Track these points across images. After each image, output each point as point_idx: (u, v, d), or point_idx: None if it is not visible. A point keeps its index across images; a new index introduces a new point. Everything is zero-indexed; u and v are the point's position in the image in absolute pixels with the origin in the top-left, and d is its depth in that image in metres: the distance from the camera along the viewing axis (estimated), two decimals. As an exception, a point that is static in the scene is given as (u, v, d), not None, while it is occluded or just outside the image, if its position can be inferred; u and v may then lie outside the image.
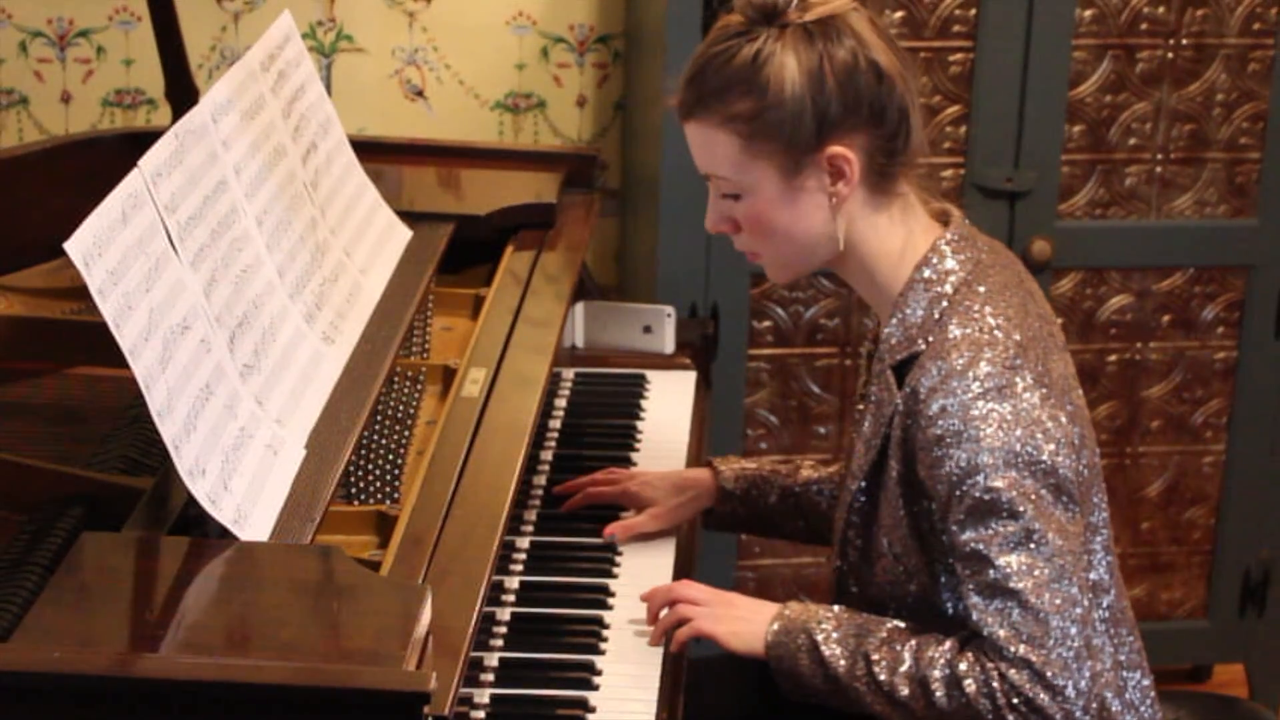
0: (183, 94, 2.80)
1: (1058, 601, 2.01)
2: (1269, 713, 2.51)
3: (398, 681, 1.66)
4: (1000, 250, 2.21)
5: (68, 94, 3.47)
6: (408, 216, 2.73)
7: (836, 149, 2.09)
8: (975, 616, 2.03)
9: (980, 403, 2.03)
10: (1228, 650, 3.67)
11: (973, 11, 3.22)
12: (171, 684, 1.65)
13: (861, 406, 2.25)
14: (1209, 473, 3.54)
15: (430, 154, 3.09)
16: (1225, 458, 3.53)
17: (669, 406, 2.82)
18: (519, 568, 2.37)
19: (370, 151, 2.78)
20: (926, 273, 2.13)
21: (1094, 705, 2.10)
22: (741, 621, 2.20)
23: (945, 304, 2.11)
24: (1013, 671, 2.00)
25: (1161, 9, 3.27)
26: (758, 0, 2.10)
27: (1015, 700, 2.00)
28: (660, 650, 2.22)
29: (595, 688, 2.14)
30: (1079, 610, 2.02)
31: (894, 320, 2.14)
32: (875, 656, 2.09)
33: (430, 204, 2.86)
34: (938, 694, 2.04)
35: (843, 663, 2.11)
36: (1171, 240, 3.40)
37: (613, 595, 2.32)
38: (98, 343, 1.98)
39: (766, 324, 3.35)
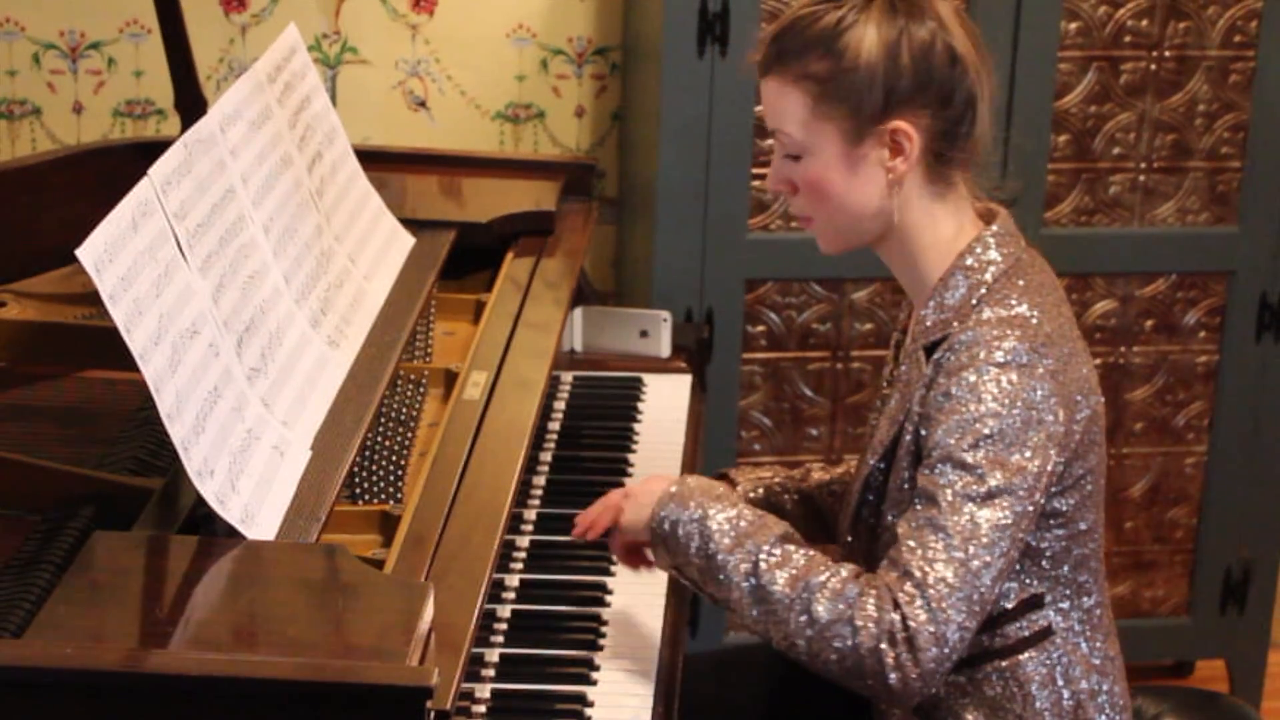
0: (191, 104, 2.80)
1: (976, 565, 1.99)
2: (1249, 707, 2.51)
3: (401, 677, 1.66)
4: (1040, 258, 2.21)
5: (79, 104, 3.47)
6: (411, 224, 2.73)
7: (900, 124, 2.09)
8: (903, 542, 2.01)
9: (994, 370, 2.03)
10: (1209, 646, 3.67)
11: (961, 24, 3.22)
12: (180, 679, 1.65)
13: (887, 390, 2.25)
14: (1191, 473, 3.54)
15: (432, 163, 3.09)
16: (1207, 459, 3.53)
17: (665, 409, 2.82)
18: (519, 566, 2.37)
19: (374, 160, 2.78)
20: (969, 260, 2.13)
21: (1066, 693, 2.13)
22: (643, 493, 2.17)
23: (984, 291, 2.11)
24: (911, 606, 1.97)
25: (1145, 22, 3.27)
26: None
27: (900, 634, 1.97)
28: (657, 646, 2.22)
29: (593, 683, 2.14)
30: (993, 587, 2.01)
31: (931, 303, 2.14)
32: (765, 548, 2.05)
33: (432, 212, 2.86)
34: (819, 603, 1.99)
35: (726, 541, 2.06)
36: (1154, 247, 3.40)
37: (610, 593, 2.32)
38: (109, 347, 1.98)
39: (760, 329, 3.35)
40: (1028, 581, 2.14)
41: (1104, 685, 2.20)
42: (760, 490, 2.49)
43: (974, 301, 2.11)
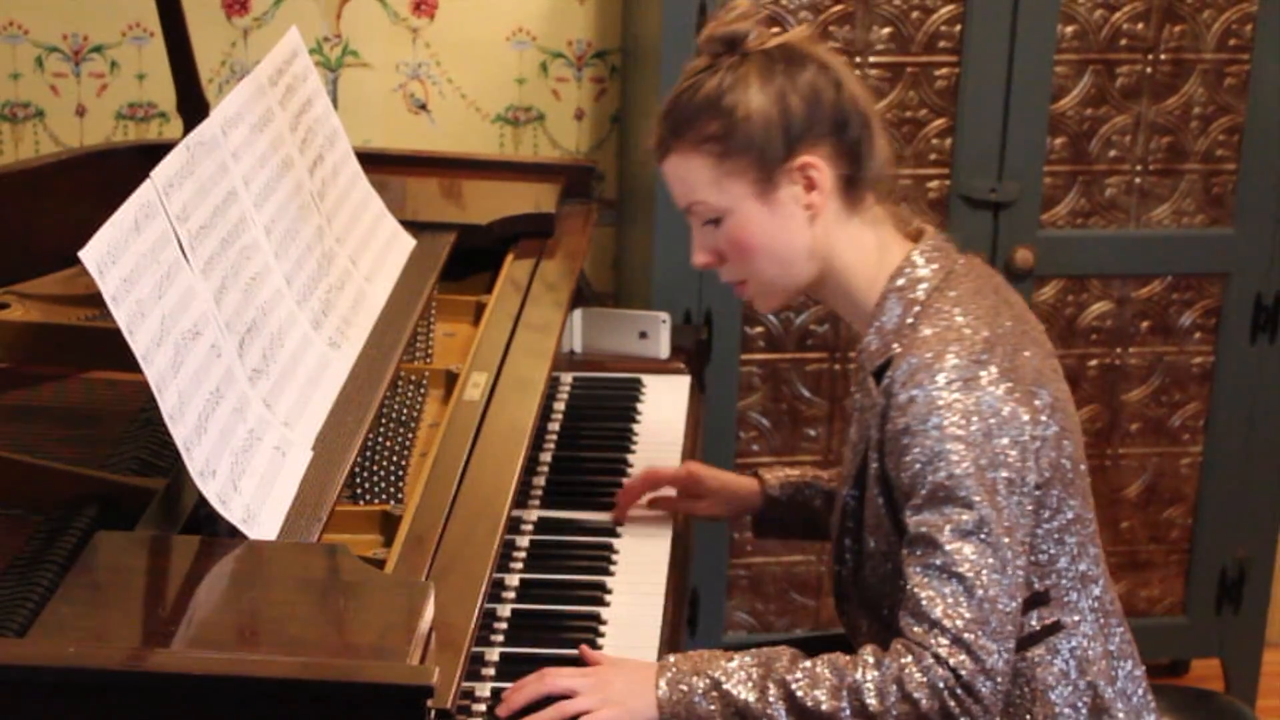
0: (194, 107, 2.80)
1: (996, 592, 2.01)
2: (1244, 706, 2.51)
3: (402, 676, 1.66)
4: (978, 263, 2.23)
5: (82, 107, 3.47)
6: (411, 226, 2.73)
7: (806, 158, 2.13)
8: (919, 596, 2.01)
9: (945, 393, 2.05)
10: (1205, 645, 3.67)
11: (958, 28, 3.22)
12: (182, 678, 1.66)
13: (851, 418, 2.27)
14: (1186, 474, 3.54)
15: (433, 165, 3.09)
16: (1202, 459, 3.53)
17: (664, 410, 2.82)
18: (519, 565, 2.37)
19: (375, 163, 2.78)
20: (900, 281, 2.16)
21: (1083, 684, 2.14)
22: (628, 696, 2.03)
23: (918, 309, 2.14)
24: (954, 655, 1.98)
25: (1141, 25, 3.27)
26: (719, 33, 2.17)
27: (955, 686, 1.98)
28: (656, 644, 2.22)
29: (593, 682, 2.14)
30: (1015, 603, 2.03)
31: (872, 329, 2.16)
32: (789, 678, 2.01)
33: (433, 214, 2.86)
34: (868, 698, 1.99)
35: (753, 695, 2.01)
36: (1150, 249, 3.40)
37: (609, 592, 2.32)
38: (112, 348, 1.98)
39: (758, 330, 3.35)
40: (1030, 580, 2.15)
41: (1120, 669, 2.22)
42: (788, 489, 2.52)
43: (910, 320, 2.13)
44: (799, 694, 2.00)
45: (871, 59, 3.22)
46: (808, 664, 2.03)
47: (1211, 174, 3.38)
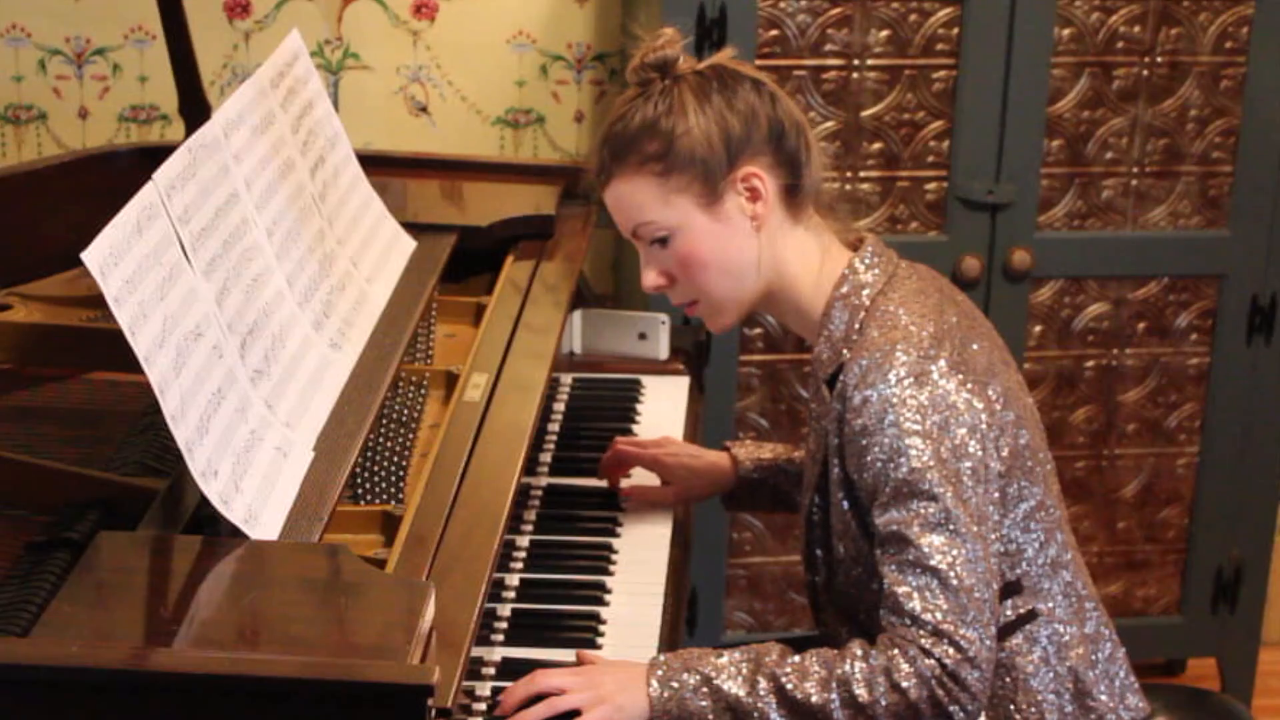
0: (195, 110, 2.80)
1: (971, 581, 2.02)
2: (1240, 705, 2.51)
3: (402, 675, 1.66)
4: (921, 268, 2.28)
5: (85, 110, 3.48)
6: (412, 227, 2.73)
7: (748, 168, 2.16)
8: (897, 593, 2.02)
9: (898, 390, 2.07)
10: (1201, 645, 3.67)
11: (955, 31, 3.22)
12: (184, 678, 1.65)
13: (806, 428, 2.28)
14: (1183, 474, 3.54)
15: (434, 167, 3.09)
16: (1198, 460, 3.53)
17: (663, 410, 2.82)
18: (519, 565, 2.37)
19: (376, 165, 2.78)
20: (844, 289, 2.19)
21: (1063, 670, 2.16)
22: (619, 693, 2.03)
23: (863, 314, 2.16)
24: (937, 647, 1.99)
25: (1137, 28, 3.27)
26: (649, 60, 2.20)
27: (943, 675, 1.99)
28: (655, 643, 2.22)
29: (592, 681, 2.14)
30: (992, 590, 2.04)
31: (821, 338, 2.19)
32: (779, 671, 2.02)
33: (433, 215, 2.86)
34: (858, 689, 2.00)
35: (743, 689, 2.02)
36: (1146, 250, 3.40)
37: (609, 592, 2.32)
38: (114, 349, 1.98)
39: (757, 331, 3.35)
40: (1001, 570, 2.15)
41: (1100, 653, 2.23)
42: (759, 470, 2.54)
43: (857, 325, 2.16)
44: (789, 687, 2.01)
45: (870, 61, 3.22)
46: (797, 658, 2.04)
47: (1208, 176, 3.38)
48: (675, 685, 2.03)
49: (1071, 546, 2.25)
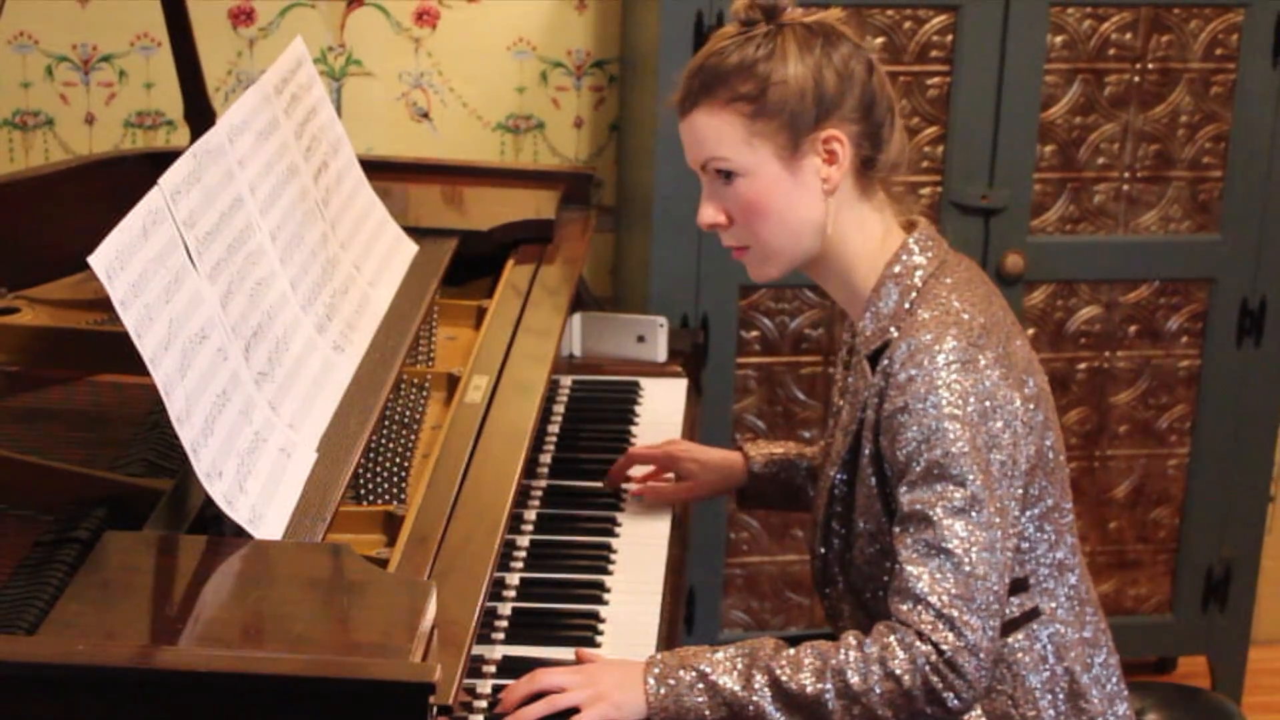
0: (200, 116, 2.80)
1: (984, 569, 2.01)
2: (1230, 702, 2.51)
3: (404, 673, 1.66)
4: (965, 258, 2.24)
5: (91, 115, 3.48)
6: (414, 232, 2.73)
7: (833, 131, 2.12)
8: (907, 572, 2.02)
9: (944, 373, 2.06)
10: (1191, 643, 3.67)
11: (950, 38, 3.22)
12: (189, 675, 1.65)
13: (839, 401, 2.27)
14: (1173, 475, 3.54)
15: (435, 172, 3.09)
16: (1189, 460, 3.54)
17: (661, 412, 2.82)
18: (519, 565, 2.37)
19: (378, 170, 2.78)
20: (897, 269, 2.16)
21: (1060, 669, 2.15)
22: (616, 690, 2.03)
23: (915, 294, 2.15)
24: (937, 631, 1.99)
25: (1129, 35, 3.27)
26: (760, 1, 2.15)
27: (939, 662, 1.98)
28: (653, 642, 2.22)
29: (592, 679, 2.14)
30: (1003, 583, 2.04)
31: (868, 314, 2.17)
32: (773, 664, 2.02)
33: (435, 220, 2.86)
34: (851, 677, 1.99)
35: (739, 684, 2.02)
36: (1138, 254, 3.40)
37: (608, 591, 2.32)
38: (120, 352, 1.98)
39: (754, 334, 3.35)
40: (1012, 564, 2.15)
41: (1096, 657, 2.22)
42: (772, 466, 2.53)
43: (907, 305, 2.14)
44: (784, 679, 2.01)
45: (865, 68, 3.22)
46: (791, 651, 2.04)
47: (1198, 181, 3.38)
48: (672, 682, 2.03)
49: (1078, 551, 2.25)
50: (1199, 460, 3.53)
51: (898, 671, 1.99)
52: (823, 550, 2.26)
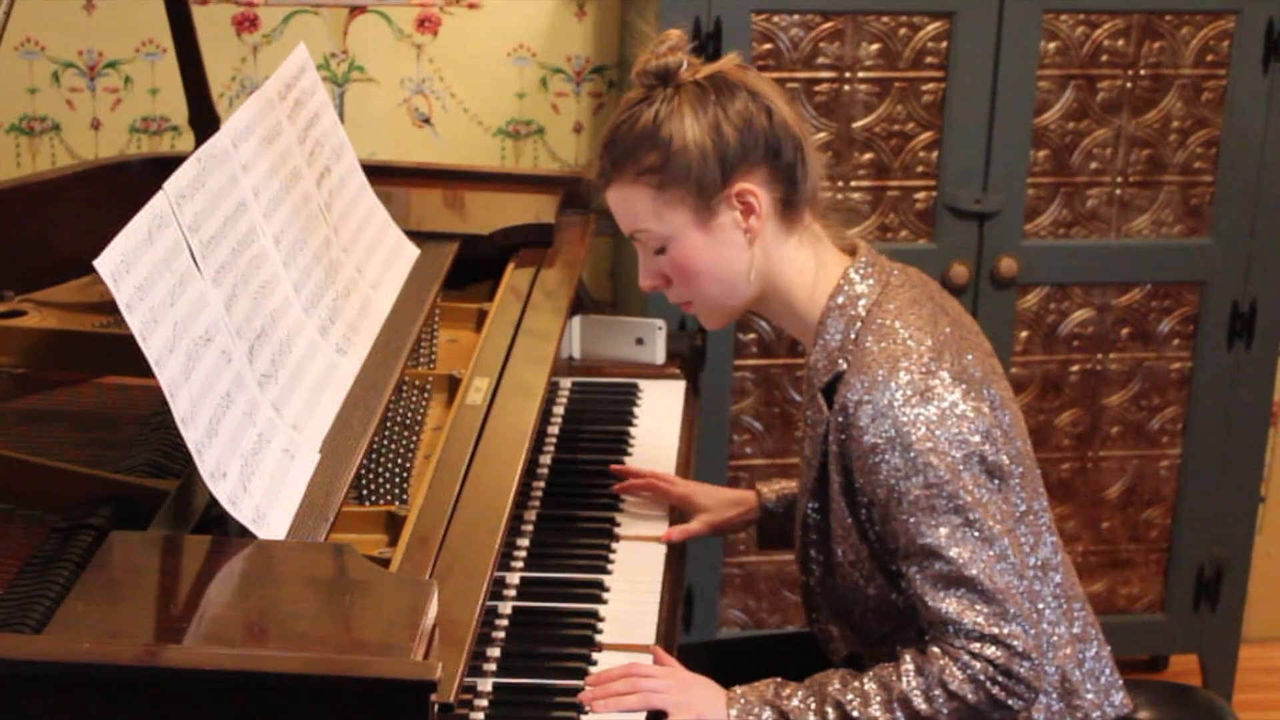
0: (205, 121, 2.80)
1: (1006, 579, 2.03)
2: (1221, 700, 2.51)
3: (406, 671, 1.66)
4: (913, 272, 2.25)
5: (97, 121, 3.48)
6: (415, 236, 2.73)
7: (742, 185, 2.13)
8: (935, 607, 2.04)
9: (906, 409, 2.06)
10: (1183, 642, 3.67)
11: (944, 44, 3.22)
12: (194, 674, 1.65)
13: (800, 432, 2.28)
14: (1165, 475, 3.54)
15: (436, 177, 3.09)
16: (1180, 461, 3.54)
17: (660, 414, 2.82)
18: (520, 564, 2.37)
19: (380, 175, 2.78)
20: (840, 299, 2.17)
21: (1051, 669, 2.16)
22: (706, 709, 2.09)
23: (860, 324, 2.15)
24: (985, 649, 2.02)
25: (1121, 41, 3.28)
26: (651, 68, 2.18)
27: (995, 674, 2.01)
28: (652, 640, 2.22)
29: (591, 677, 2.14)
30: (1024, 583, 2.05)
31: (817, 346, 2.17)
32: (843, 699, 2.05)
33: (436, 224, 2.86)
34: (918, 703, 2.03)
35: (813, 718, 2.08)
36: (1130, 258, 3.40)
37: (607, 590, 2.32)
38: (125, 354, 1.98)
39: (751, 336, 3.35)
40: None
41: (1086, 651, 2.23)
42: (783, 502, 2.53)
43: (853, 336, 2.14)
44: (856, 714, 2.04)
45: (860, 74, 3.22)
46: (857, 684, 2.06)
47: (1189, 185, 3.38)
48: (752, 718, 2.07)
49: (1060, 549, 2.25)
50: (1190, 461, 3.53)
51: (960, 691, 2.02)
52: (804, 578, 2.27)
